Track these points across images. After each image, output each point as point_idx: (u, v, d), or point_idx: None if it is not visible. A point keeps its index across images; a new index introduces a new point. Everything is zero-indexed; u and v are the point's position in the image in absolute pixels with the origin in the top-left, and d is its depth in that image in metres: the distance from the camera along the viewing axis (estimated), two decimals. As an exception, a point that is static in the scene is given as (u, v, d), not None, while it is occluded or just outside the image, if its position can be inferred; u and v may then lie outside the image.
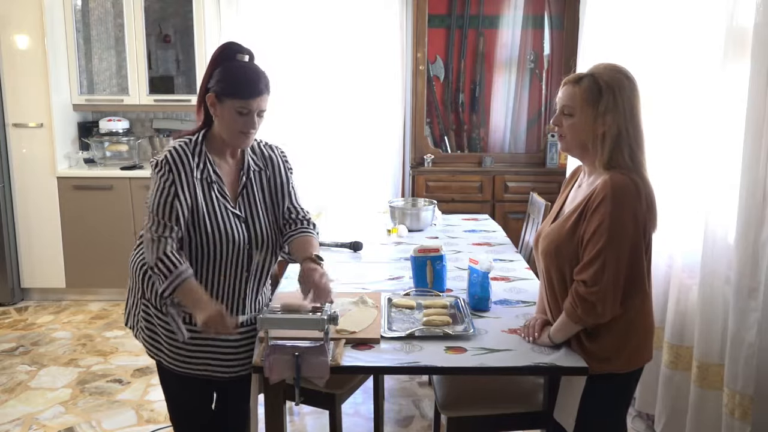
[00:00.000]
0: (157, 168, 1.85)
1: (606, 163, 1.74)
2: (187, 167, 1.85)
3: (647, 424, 2.92)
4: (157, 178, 1.84)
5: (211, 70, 1.87)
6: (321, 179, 4.71)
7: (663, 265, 2.76)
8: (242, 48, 1.88)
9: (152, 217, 1.83)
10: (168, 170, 1.83)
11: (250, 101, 1.82)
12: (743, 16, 2.22)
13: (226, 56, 1.87)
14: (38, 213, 4.43)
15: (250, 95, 1.82)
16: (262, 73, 1.86)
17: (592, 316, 1.72)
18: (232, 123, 1.85)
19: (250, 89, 1.82)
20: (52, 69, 4.30)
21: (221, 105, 1.84)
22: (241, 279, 1.93)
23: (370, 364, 1.75)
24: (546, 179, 4.45)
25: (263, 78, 1.85)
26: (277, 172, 2.02)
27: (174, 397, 2.05)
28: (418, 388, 3.27)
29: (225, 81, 1.83)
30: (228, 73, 1.84)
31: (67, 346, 3.77)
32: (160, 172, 1.84)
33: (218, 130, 1.90)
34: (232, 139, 1.88)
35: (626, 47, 3.08)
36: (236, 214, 1.91)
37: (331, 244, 2.94)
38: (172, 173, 1.83)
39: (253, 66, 1.88)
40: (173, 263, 1.78)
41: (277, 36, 4.51)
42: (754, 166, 2.14)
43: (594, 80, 1.74)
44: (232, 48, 1.88)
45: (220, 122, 1.87)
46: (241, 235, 1.90)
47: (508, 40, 4.65)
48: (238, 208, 1.92)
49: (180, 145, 1.87)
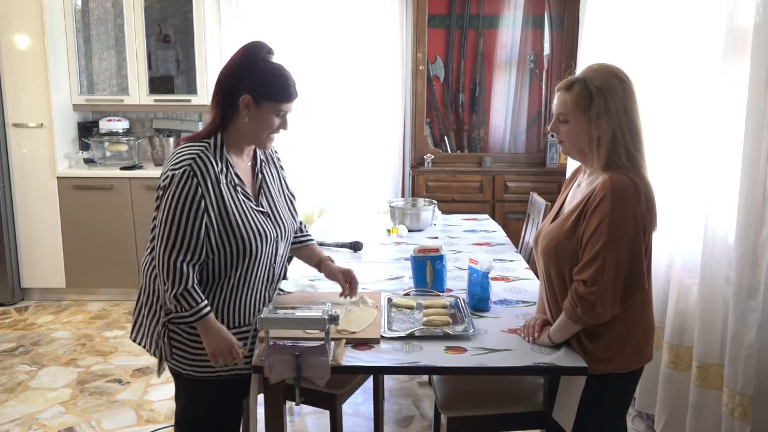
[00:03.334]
0: (180, 182, 1.72)
1: (604, 165, 1.74)
2: (213, 175, 1.76)
3: (647, 424, 2.92)
4: (184, 193, 1.72)
5: (238, 69, 1.80)
6: (321, 179, 4.72)
7: (663, 265, 2.76)
8: (270, 48, 1.84)
9: (177, 242, 1.72)
10: (196, 184, 1.72)
11: (289, 104, 1.83)
12: (743, 16, 2.22)
13: (255, 56, 1.81)
14: (38, 213, 4.43)
15: (290, 98, 1.83)
16: (291, 74, 1.86)
17: (592, 315, 1.72)
18: (267, 125, 1.82)
19: (291, 92, 1.83)
20: (52, 69, 4.30)
21: (258, 107, 1.80)
22: (268, 271, 1.96)
23: (370, 364, 1.75)
24: (546, 179, 4.45)
25: (294, 80, 1.86)
26: (277, 165, 2.08)
27: (198, 404, 1.95)
28: (418, 388, 3.27)
29: (266, 84, 1.79)
30: (267, 75, 1.80)
31: (67, 346, 3.77)
32: (187, 185, 1.72)
33: (245, 130, 1.83)
34: (260, 140, 1.86)
35: (626, 47, 3.08)
36: (262, 211, 1.91)
37: (331, 244, 2.94)
38: (200, 186, 1.73)
39: (285, 67, 1.86)
40: (195, 300, 1.75)
41: (277, 36, 4.50)
42: (754, 166, 2.14)
43: (584, 85, 1.74)
44: (263, 48, 1.82)
45: (252, 124, 1.81)
46: (270, 231, 1.90)
47: (508, 40, 4.65)
48: (260, 205, 1.92)
49: (202, 152, 1.77)
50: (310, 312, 1.77)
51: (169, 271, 1.74)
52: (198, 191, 1.73)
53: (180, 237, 1.73)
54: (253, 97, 1.79)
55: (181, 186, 1.72)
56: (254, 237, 1.84)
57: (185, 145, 1.82)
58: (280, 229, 1.96)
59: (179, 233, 1.73)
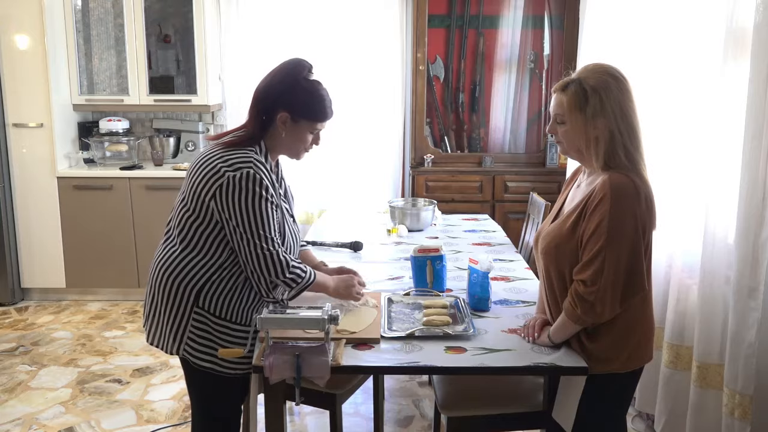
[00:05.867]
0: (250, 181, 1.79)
1: (603, 165, 1.74)
2: (269, 177, 1.86)
3: (647, 424, 2.92)
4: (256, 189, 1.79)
5: (280, 85, 1.86)
6: (321, 179, 4.72)
7: (663, 265, 2.76)
8: (311, 66, 1.91)
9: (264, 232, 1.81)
10: (266, 184, 1.81)
11: (325, 122, 1.90)
12: (743, 17, 2.22)
13: (297, 75, 1.87)
14: (38, 213, 4.43)
15: (326, 117, 1.90)
16: (327, 92, 1.92)
17: (592, 315, 1.72)
18: (302, 141, 1.91)
19: (327, 112, 1.90)
20: (52, 69, 4.30)
21: (295, 124, 1.87)
22: None
23: (370, 364, 1.75)
24: (546, 179, 4.45)
25: (330, 99, 1.92)
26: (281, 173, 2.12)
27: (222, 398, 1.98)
28: (418, 388, 3.27)
29: (307, 104, 1.86)
30: (309, 95, 1.87)
31: (67, 346, 3.77)
32: (257, 184, 1.79)
33: (280, 144, 1.92)
34: (294, 154, 1.96)
35: (626, 47, 3.08)
36: (293, 215, 2.05)
37: (331, 244, 2.94)
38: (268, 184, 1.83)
39: (323, 86, 1.92)
40: (302, 270, 1.90)
41: (277, 36, 4.51)
42: (754, 166, 2.14)
43: (580, 85, 1.74)
44: (305, 66, 1.89)
45: (286, 138, 1.90)
46: (299, 234, 2.07)
47: (508, 40, 4.66)
48: (291, 209, 2.05)
49: (256, 159, 1.83)
50: (309, 312, 1.77)
51: (267, 260, 1.82)
52: (269, 190, 1.83)
53: (268, 227, 1.82)
54: (291, 115, 1.86)
55: (253, 184, 1.79)
56: (293, 240, 1.99)
57: (233, 149, 1.84)
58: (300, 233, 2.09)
59: (265, 224, 1.82)
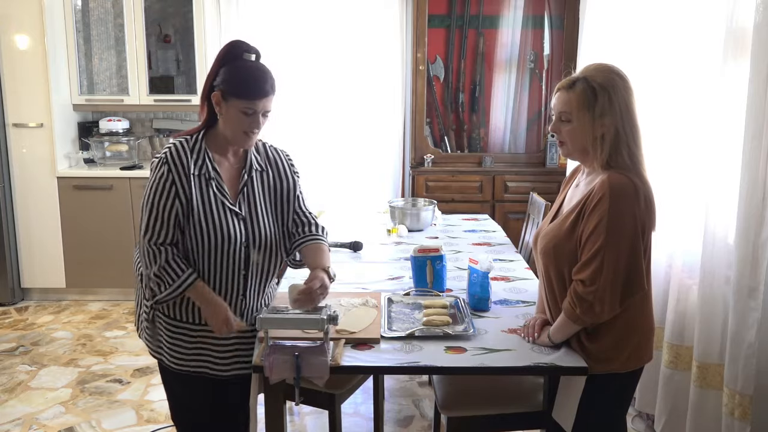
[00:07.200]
0: (156, 167, 1.85)
1: (605, 163, 1.74)
2: (184, 163, 1.85)
3: (647, 424, 2.92)
4: (156, 178, 1.84)
5: (217, 67, 1.87)
6: (321, 179, 4.71)
7: (663, 265, 2.76)
8: (249, 47, 1.88)
9: (150, 224, 1.83)
10: (167, 169, 1.83)
11: (256, 102, 1.82)
12: (743, 17, 2.22)
13: (233, 55, 1.86)
14: (38, 213, 4.43)
15: (255, 96, 1.82)
16: (268, 73, 1.86)
17: (591, 315, 1.72)
18: (237, 123, 1.85)
19: (256, 90, 1.82)
20: (52, 69, 4.30)
21: (226, 104, 1.84)
22: (238, 277, 1.92)
23: (370, 364, 1.75)
24: (546, 179, 4.45)
25: (269, 78, 1.85)
26: (282, 175, 2.03)
27: (175, 397, 2.05)
28: (418, 388, 3.27)
29: (231, 80, 1.83)
30: (235, 72, 1.83)
31: (67, 346, 3.77)
32: (159, 171, 1.84)
33: (222, 128, 1.90)
34: (235, 138, 1.89)
35: (626, 47, 3.08)
36: (235, 211, 1.91)
37: (332, 244, 2.93)
38: (171, 172, 1.83)
39: (260, 66, 1.87)
40: (176, 272, 1.82)
41: (277, 36, 4.51)
42: (754, 166, 2.14)
43: (587, 83, 1.74)
44: (240, 47, 1.87)
45: (224, 121, 1.87)
46: (239, 233, 1.89)
47: (508, 40, 4.65)
48: (237, 206, 1.92)
49: (179, 142, 1.89)
50: (309, 312, 1.77)
51: (146, 252, 1.84)
52: (169, 177, 1.83)
53: (153, 219, 1.84)
54: (221, 94, 1.84)
55: (154, 173, 1.85)
56: (214, 230, 1.86)
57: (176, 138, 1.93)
58: (253, 235, 1.92)
59: (151, 216, 1.84)
